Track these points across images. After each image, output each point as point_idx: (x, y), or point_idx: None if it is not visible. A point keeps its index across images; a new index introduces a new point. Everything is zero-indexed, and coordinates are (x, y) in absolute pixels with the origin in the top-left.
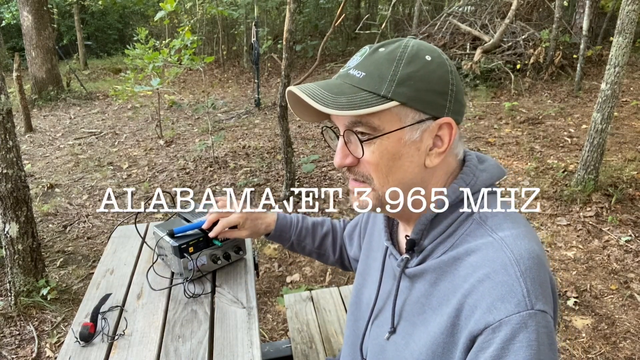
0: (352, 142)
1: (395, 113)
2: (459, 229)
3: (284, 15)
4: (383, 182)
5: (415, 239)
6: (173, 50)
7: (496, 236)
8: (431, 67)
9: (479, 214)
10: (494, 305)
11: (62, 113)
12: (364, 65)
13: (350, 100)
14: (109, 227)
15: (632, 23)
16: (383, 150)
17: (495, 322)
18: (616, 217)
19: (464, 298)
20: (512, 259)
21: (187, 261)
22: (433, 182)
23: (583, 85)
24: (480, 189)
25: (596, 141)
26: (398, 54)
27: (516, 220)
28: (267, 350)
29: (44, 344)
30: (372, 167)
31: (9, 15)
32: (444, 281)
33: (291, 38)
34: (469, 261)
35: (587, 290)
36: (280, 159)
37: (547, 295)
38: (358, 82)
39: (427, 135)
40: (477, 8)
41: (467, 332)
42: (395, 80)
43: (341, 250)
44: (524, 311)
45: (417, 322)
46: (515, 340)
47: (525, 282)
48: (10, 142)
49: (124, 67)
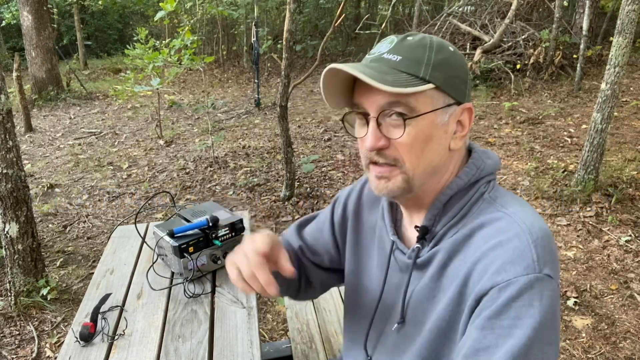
0: (384, 125)
1: (430, 96)
2: (470, 211)
3: (284, 15)
4: (415, 164)
5: (428, 225)
6: (173, 50)
7: (507, 211)
8: (456, 56)
9: (489, 195)
10: (503, 268)
11: (62, 113)
12: (399, 50)
13: (395, 79)
14: (109, 227)
15: (632, 23)
16: (418, 131)
17: (502, 282)
18: (616, 217)
19: (473, 265)
20: (525, 229)
21: (187, 261)
22: (452, 166)
23: (583, 85)
24: (488, 174)
25: (596, 141)
26: (428, 42)
27: (522, 201)
28: (267, 350)
29: (44, 344)
30: (405, 149)
31: (9, 15)
32: (455, 259)
33: (291, 38)
34: (480, 235)
35: (587, 290)
36: (280, 159)
37: (556, 264)
38: (396, 64)
39: (452, 119)
40: (477, 8)
41: (474, 294)
42: (430, 65)
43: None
44: (532, 274)
45: (427, 308)
46: (520, 299)
47: (537, 249)
48: (10, 142)
49: (124, 67)
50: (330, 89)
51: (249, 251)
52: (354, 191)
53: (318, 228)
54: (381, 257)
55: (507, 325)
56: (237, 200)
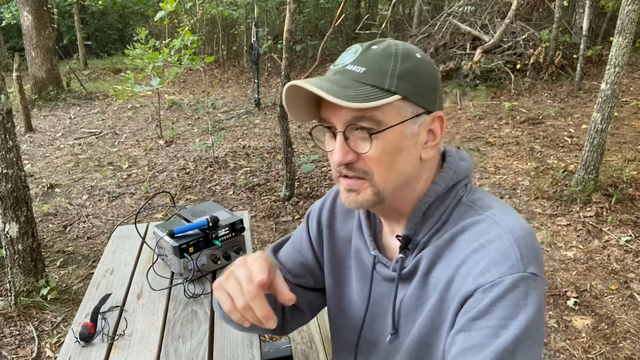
0: (352, 139)
1: (397, 107)
2: (451, 216)
3: (284, 15)
4: (385, 177)
5: (409, 234)
6: (173, 50)
7: (487, 213)
8: (423, 64)
9: (467, 198)
10: (487, 269)
11: (62, 113)
12: (362, 61)
13: (357, 93)
14: (109, 227)
15: (632, 23)
16: (386, 144)
17: (487, 283)
18: (616, 217)
19: (456, 270)
20: (506, 229)
21: (187, 261)
22: (425, 175)
23: (583, 85)
24: (464, 177)
25: (596, 141)
26: (393, 51)
27: (501, 201)
28: (267, 350)
29: (44, 344)
30: (374, 162)
31: (9, 15)
32: (439, 265)
33: (291, 38)
34: (462, 238)
35: (587, 290)
36: (280, 159)
37: (540, 262)
38: (359, 77)
39: (422, 129)
40: (477, 8)
41: (458, 297)
42: (396, 75)
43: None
44: (517, 273)
45: (416, 316)
46: (506, 298)
47: (520, 248)
48: (10, 142)
49: (124, 67)
50: (296, 105)
51: (242, 279)
52: (327, 203)
53: (295, 248)
54: (361, 269)
55: (494, 325)
56: (237, 200)
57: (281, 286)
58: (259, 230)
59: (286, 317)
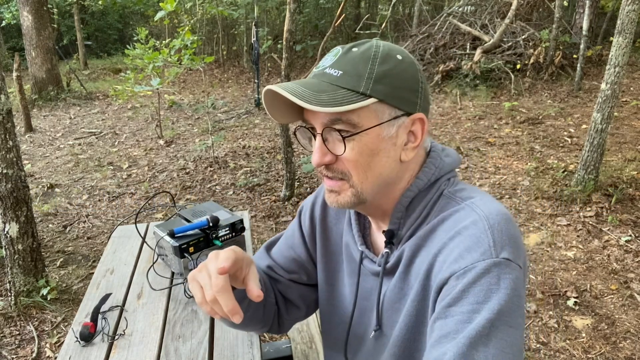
0: (330, 140)
1: (373, 110)
2: (432, 209)
3: (284, 15)
4: (362, 178)
5: (393, 229)
6: (173, 50)
7: (466, 202)
8: (403, 65)
9: (448, 190)
10: (460, 256)
11: (62, 113)
12: (340, 64)
13: (331, 97)
14: (109, 227)
15: (632, 23)
16: (362, 146)
17: (460, 269)
18: (616, 217)
19: (434, 258)
20: (482, 215)
21: (187, 261)
22: (407, 175)
23: (583, 85)
24: (447, 172)
25: (596, 141)
26: (372, 53)
27: (483, 192)
28: (267, 350)
29: (44, 344)
30: (351, 164)
31: (9, 15)
32: (419, 255)
33: (291, 38)
34: (442, 228)
35: (587, 290)
36: (280, 159)
37: (517, 247)
38: (336, 80)
39: (402, 131)
40: (477, 8)
41: (435, 285)
42: (372, 78)
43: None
44: (489, 259)
45: (399, 308)
46: (477, 284)
47: (493, 234)
48: (10, 142)
49: (124, 67)
50: (278, 107)
51: (212, 270)
52: (319, 198)
53: (288, 245)
54: (351, 265)
55: (467, 310)
56: (237, 200)
57: (251, 282)
58: (259, 230)
59: (282, 313)
